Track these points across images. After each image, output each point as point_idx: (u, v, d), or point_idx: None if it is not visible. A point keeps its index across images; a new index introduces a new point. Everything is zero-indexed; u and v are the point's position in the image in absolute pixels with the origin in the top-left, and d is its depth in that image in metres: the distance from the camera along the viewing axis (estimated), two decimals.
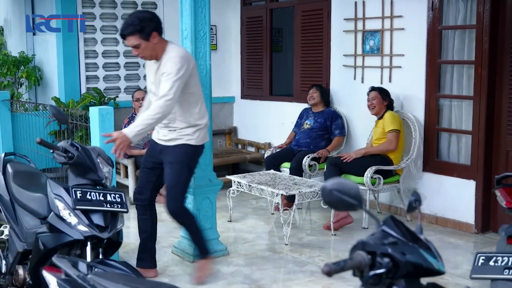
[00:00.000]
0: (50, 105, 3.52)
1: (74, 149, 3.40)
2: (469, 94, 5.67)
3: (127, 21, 3.97)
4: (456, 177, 5.71)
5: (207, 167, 4.94)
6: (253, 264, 4.82)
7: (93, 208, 3.30)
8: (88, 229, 3.25)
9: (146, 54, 4.06)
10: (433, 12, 5.75)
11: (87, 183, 3.44)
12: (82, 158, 3.37)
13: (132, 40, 3.96)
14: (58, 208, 3.30)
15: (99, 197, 3.34)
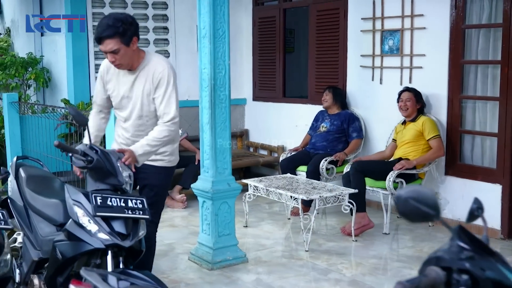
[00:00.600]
0: (69, 106, 3.34)
1: (94, 153, 3.18)
2: (494, 95, 5.49)
3: (106, 22, 3.47)
4: (480, 181, 5.51)
5: (225, 171, 4.76)
6: (273, 272, 4.63)
7: (114, 215, 3.08)
8: (109, 237, 3.02)
9: (124, 62, 3.56)
10: (457, 10, 5.57)
11: (107, 188, 3.21)
12: (102, 162, 3.16)
13: (111, 44, 3.45)
14: (77, 215, 3.08)
15: (120, 203, 3.10)
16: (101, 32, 3.46)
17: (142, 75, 3.63)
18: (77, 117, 3.27)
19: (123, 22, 3.47)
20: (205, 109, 4.69)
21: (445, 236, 5.52)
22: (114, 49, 3.47)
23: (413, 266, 4.71)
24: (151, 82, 3.61)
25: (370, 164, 5.73)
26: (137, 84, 3.64)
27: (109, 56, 3.52)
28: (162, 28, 7.68)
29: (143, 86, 3.63)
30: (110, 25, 3.44)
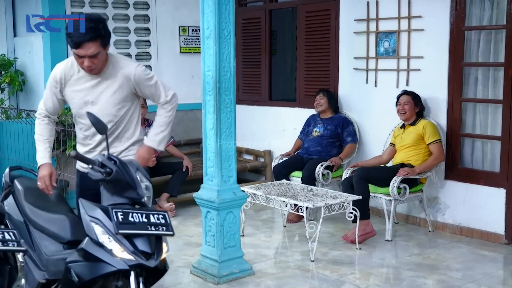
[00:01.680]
0: (88, 113, 3.01)
1: (112, 163, 2.89)
2: (495, 97, 5.41)
3: (90, 26, 3.18)
4: (483, 185, 5.43)
5: (230, 179, 4.51)
6: (284, 285, 4.41)
7: (137, 232, 2.79)
8: (133, 256, 2.74)
9: (99, 66, 3.32)
10: (457, 12, 5.47)
11: (125, 203, 2.90)
12: (121, 174, 2.86)
13: (93, 48, 3.19)
14: (96, 232, 2.77)
15: (142, 219, 2.82)
16: (82, 35, 3.17)
17: (110, 78, 3.40)
18: (97, 124, 2.97)
19: (102, 23, 3.26)
20: (209, 114, 4.43)
21: (446, 242, 5.43)
22: (96, 53, 3.21)
23: (426, 275, 4.57)
24: (128, 85, 3.44)
25: (373, 170, 5.57)
26: (105, 88, 3.41)
27: (87, 60, 3.24)
28: (143, 29, 7.37)
29: (115, 89, 3.42)
30: (92, 28, 3.19)
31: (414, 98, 5.62)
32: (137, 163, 3.04)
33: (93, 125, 2.98)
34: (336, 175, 6.21)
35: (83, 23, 3.19)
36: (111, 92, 3.42)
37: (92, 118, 2.97)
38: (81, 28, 3.19)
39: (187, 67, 7.72)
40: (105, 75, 3.40)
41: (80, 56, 3.25)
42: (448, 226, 5.71)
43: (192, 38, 7.72)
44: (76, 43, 3.19)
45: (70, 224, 3.32)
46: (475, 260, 4.93)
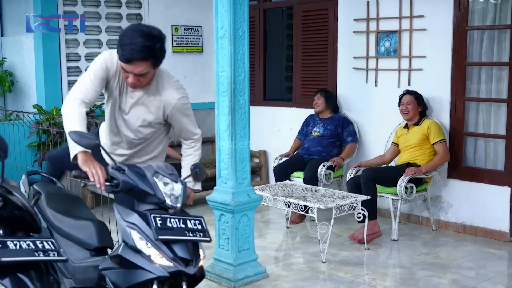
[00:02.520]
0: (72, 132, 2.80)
1: (120, 173, 2.76)
2: (499, 96, 5.46)
3: (141, 41, 2.92)
4: (487, 183, 5.47)
5: (244, 181, 4.44)
6: (301, 287, 4.36)
7: (177, 238, 2.68)
8: (172, 263, 2.64)
9: (144, 84, 3.12)
10: (460, 12, 5.51)
11: (153, 208, 2.78)
12: (130, 183, 2.72)
13: (142, 67, 2.97)
14: (133, 238, 2.67)
15: (179, 224, 2.72)
16: (135, 52, 2.92)
17: (150, 97, 3.19)
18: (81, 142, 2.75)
19: (160, 42, 2.98)
20: (223, 115, 4.35)
21: (451, 240, 5.46)
22: (144, 72, 3.01)
23: (439, 274, 4.58)
24: (162, 112, 3.24)
25: (381, 171, 5.57)
26: (141, 103, 3.21)
27: (132, 77, 3.01)
28: None
29: (149, 110, 3.22)
30: (148, 47, 2.93)
31: (416, 97, 5.63)
32: (157, 166, 2.86)
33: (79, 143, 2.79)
34: (336, 175, 6.20)
35: (140, 40, 2.94)
36: (144, 111, 3.23)
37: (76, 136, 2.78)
38: (136, 44, 2.93)
39: (179, 67, 7.59)
40: (147, 90, 3.18)
41: (125, 71, 3.03)
42: (451, 224, 5.75)
43: (184, 38, 7.61)
44: (127, 59, 2.95)
45: (96, 230, 3.21)
46: (484, 258, 4.97)
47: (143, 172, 2.80)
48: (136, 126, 3.28)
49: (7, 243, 2.42)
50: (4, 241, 2.43)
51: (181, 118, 3.30)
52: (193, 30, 7.70)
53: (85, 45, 6.80)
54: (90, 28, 6.84)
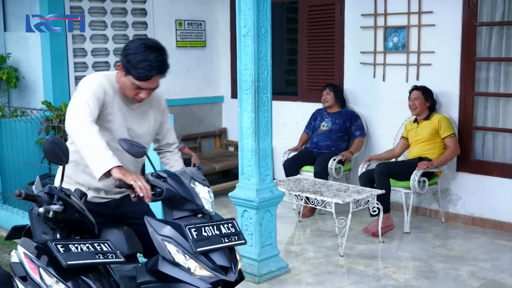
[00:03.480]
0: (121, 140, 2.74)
1: (161, 181, 2.74)
2: (507, 91, 5.58)
3: (161, 58, 2.88)
4: (496, 176, 5.60)
5: (267, 178, 4.50)
6: (324, 281, 4.44)
7: (215, 247, 2.65)
8: (213, 273, 2.62)
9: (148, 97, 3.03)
10: (470, 8, 5.60)
11: (187, 215, 2.78)
12: (172, 191, 2.72)
13: (157, 81, 2.92)
14: (170, 252, 2.63)
15: (214, 231, 2.69)
16: (154, 69, 2.84)
17: (147, 105, 3.09)
18: (132, 151, 2.73)
19: (166, 52, 2.94)
20: (246, 113, 4.39)
21: (462, 232, 5.58)
22: (157, 86, 2.96)
23: (457, 266, 4.69)
24: (160, 111, 3.19)
25: (394, 165, 5.68)
26: (146, 118, 3.12)
27: (145, 93, 2.91)
28: (140, 23, 7.21)
29: (154, 118, 3.15)
30: (162, 60, 2.87)
31: (424, 93, 5.72)
32: (192, 171, 2.87)
33: (128, 152, 2.77)
34: (345, 169, 6.29)
35: (160, 56, 2.87)
36: (153, 121, 3.16)
37: (125, 145, 2.75)
38: (154, 61, 2.84)
39: (183, 61, 7.61)
40: (144, 102, 3.05)
41: (140, 88, 2.90)
42: (460, 216, 5.87)
43: (188, 32, 7.61)
44: (147, 76, 2.84)
45: (126, 237, 3.14)
46: (497, 250, 5.09)
47: (181, 179, 2.78)
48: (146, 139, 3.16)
49: (69, 246, 2.45)
50: (66, 244, 2.45)
51: (167, 117, 3.28)
52: (196, 25, 7.70)
53: (91, 40, 6.78)
54: (96, 23, 6.81)
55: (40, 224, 2.58)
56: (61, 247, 2.43)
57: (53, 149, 2.50)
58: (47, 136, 2.58)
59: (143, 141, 3.05)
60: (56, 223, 2.56)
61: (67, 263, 2.37)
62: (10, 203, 6.10)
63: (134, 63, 2.84)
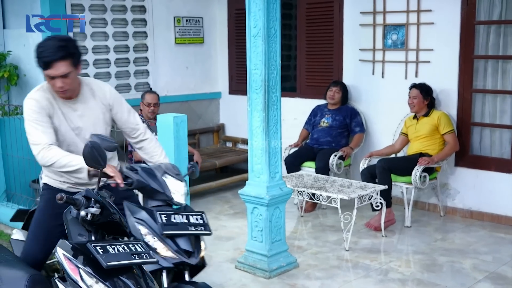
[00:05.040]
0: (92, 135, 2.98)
1: (134, 173, 3.02)
2: (504, 88, 5.73)
3: (54, 44, 3.03)
4: (494, 171, 5.75)
5: (276, 175, 4.60)
6: (333, 275, 4.56)
7: (180, 233, 2.95)
8: (176, 255, 2.91)
9: (72, 87, 3.14)
10: (468, 7, 5.73)
11: (160, 205, 3.07)
12: (143, 182, 3.00)
13: (64, 67, 3.02)
14: (141, 233, 2.91)
15: (183, 220, 2.99)
16: (52, 53, 3.00)
17: (88, 100, 3.27)
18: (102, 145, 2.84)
19: (71, 42, 3.14)
20: (256, 112, 4.47)
21: (461, 226, 5.73)
22: (66, 72, 3.05)
23: (460, 259, 4.84)
24: (105, 104, 3.34)
25: (395, 161, 5.80)
26: (91, 112, 3.29)
27: (58, 81, 3.06)
28: (140, 20, 7.25)
29: (100, 111, 3.32)
30: (62, 46, 3.03)
31: (422, 91, 5.83)
32: (166, 166, 3.15)
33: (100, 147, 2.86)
34: (345, 164, 6.41)
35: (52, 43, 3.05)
36: (96, 113, 3.32)
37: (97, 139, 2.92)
38: (50, 47, 3.03)
39: (181, 58, 7.67)
40: (82, 97, 3.26)
41: (51, 78, 3.08)
42: (458, 210, 6.02)
43: (186, 29, 7.66)
44: (46, 62, 3.03)
45: None
46: (496, 243, 5.25)
47: (154, 172, 3.09)
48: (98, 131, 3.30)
49: (107, 248, 2.53)
50: (104, 245, 2.53)
51: (122, 107, 3.44)
52: (194, 21, 7.75)
53: (92, 38, 6.80)
54: (96, 20, 6.84)
55: (76, 226, 2.66)
56: (99, 248, 2.51)
57: (92, 154, 2.60)
58: (87, 142, 2.67)
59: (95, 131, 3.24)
60: (91, 224, 2.64)
61: (108, 264, 2.46)
62: (14, 200, 6.14)
63: (37, 55, 3.09)
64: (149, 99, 6.17)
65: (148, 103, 6.15)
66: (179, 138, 4.06)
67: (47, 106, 3.14)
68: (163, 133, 4.10)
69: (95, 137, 2.98)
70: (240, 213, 6.17)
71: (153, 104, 6.15)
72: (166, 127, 4.07)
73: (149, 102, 6.15)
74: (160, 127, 4.12)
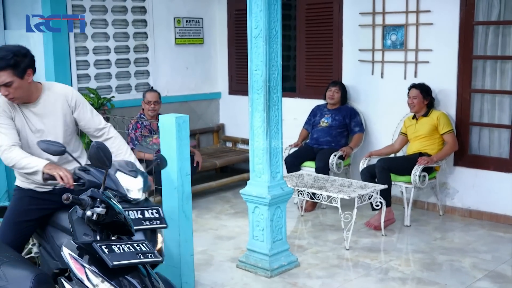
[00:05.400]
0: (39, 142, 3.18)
1: (85, 173, 3.15)
2: (503, 88, 5.78)
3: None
4: (492, 170, 5.80)
5: (277, 175, 4.63)
6: (334, 274, 4.60)
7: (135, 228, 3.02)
8: None
9: (18, 95, 3.35)
10: (467, 7, 5.77)
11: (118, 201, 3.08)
12: (95, 181, 3.11)
13: (4, 77, 3.26)
14: None
15: (137, 215, 3.12)
16: None
17: (49, 104, 3.48)
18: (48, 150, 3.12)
19: (15, 54, 3.30)
20: (257, 112, 4.51)
21: (460, 225, 5.78)
22: (7, 81, 3.27)
23: (459, 258, 4.88)
24: (68, 106, 3.55)
25: (394, 160, 5.84)
26: (53, 114, 3.50)
27: (2, 89, 3.32)
28: (140, 21, 7.28)
29: (62, 112, 3.52)
30: (1, 57, 3.25)
31: (422, 91, 5.87)
32: (119, 163, 3.26)
33: (47, 151, 3.15)
34: (345, 164, 6.45)
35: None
36: (55, 116, 3.50)
37: (44, 145, 3.14)
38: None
39: (182, 58, 7.70)
40: (43, 101, 3.47)
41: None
42: (457, 209, 6.07)
43: (186, 30, 7.69)
44: None
45: None
46: (495, 241, 5.29)
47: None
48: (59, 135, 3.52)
49: (112, 247, 2.57)
50: (109, 245, 2.57)
51: (85, 108, 3.62)
52: (194, 22, 7.79)
53: (93, 38, 6.83)
54: (97, 21, 6.86)
55: (81, 226, 2.69)
56: (105, 248, 2.54)
57: (98, 154, 2.64)
58: (93, 142, 2.72)
59: (57, 135, 3.48)
60: (96, 224, 2.68)
61: (113, 263, 2.49)
62: None
63: None
64: (149, 97, 6.25)
65: (148, 101, 6.23)
66: (181, 138, 4.08)
67: (9, 109, 3.40)
68: (165, 133, 4.12)
69: (42, 143, 3.18)
70: (241, 212, 6.21)
71: (153, 102, 6.22)
72: (168, 128, 4.09)
73: (149, 100, 6.22)
74: (162, 127, 4.13)
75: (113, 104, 6.76)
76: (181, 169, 4.09)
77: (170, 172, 4.08)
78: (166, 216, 3.26)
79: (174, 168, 4.06)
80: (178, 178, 4.08)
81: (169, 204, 4.15)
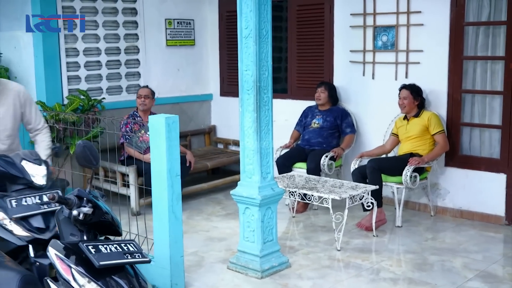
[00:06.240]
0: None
1: None
2: (493, 88, 5.78)
3: None
4: (483, 171, 5.80)
5: (268, 175, 4.61)
6: (325, 275, 4.58)
7: (30, 214, 3.28)
8: (28, 233, 3.24)
9: None
10: (457, 8, 5.78)
11: (23, 188, 3.43)
12: (2, 171, 3.39)
13: None
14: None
15: (35, 201, 3.35)
16: None
17: (2, 98, 4.11)
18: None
19: None
20: (248, 113, 4.49)
21: (452, 225, 5.78)
22: None
23: (450, 258, 4.87)
24: (18, 102, 4.21)
25: (385, 161, 5.84)
26: (4, 106, 4.12)
27: None
28: (131, 22, 7.26)
29: (13, 106, 4.16)
30: None
31: (412, 92, 5.88)
32: (24, 153, 3.60)
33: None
34: (336, 165, 6.44)
35: None
36: (6, 109, 4.11)
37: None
38: None
39: (173, 60, 7.69)
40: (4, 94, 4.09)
41: None
42: (448, 210, 6.07)
43: (177, 31, 7.67)
44: None
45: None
46: (486, 241, 5.30)
47: (12, 160, 3.47)
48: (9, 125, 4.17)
49: (99, 247, 2.54)
50: (96, 245, 2.55)
51: (31, 107, 4.32)
52: (186, 23, 7.77)
53: (83, 40, 6.80)
54: (88, 23, 6.84)
55: (68, 226, 2.67)
56: (92, 248, 2.52)
57: (84, 153, 2.63)
58: (79, 141, 2.70)
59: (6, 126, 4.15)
60: (83, 224, 2.65)
61: (100, 263, 2.47)
62: None
63: None
64: (141, 91, 6.50)
65: (139, 95, 6.46)
66: (171, 139, 4.06)
67: None
68: (155, 133, 4.10)
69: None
70: (232, 214, 6.19)
71: (144, 96, 6.39)
72: (158, 128, 4.07)
73: (140, 94, 6.45)
74: (151, 127, 4.11)
75: (104, 106, 6.73)
76: (170, 170, 4.07)
77: (160, 173, 4.06)
78: (156, 217, 3.27)
79: (164, 168, 4.04)
80: (168, 179, 4.06)
81: (159, 205, 4.12)
